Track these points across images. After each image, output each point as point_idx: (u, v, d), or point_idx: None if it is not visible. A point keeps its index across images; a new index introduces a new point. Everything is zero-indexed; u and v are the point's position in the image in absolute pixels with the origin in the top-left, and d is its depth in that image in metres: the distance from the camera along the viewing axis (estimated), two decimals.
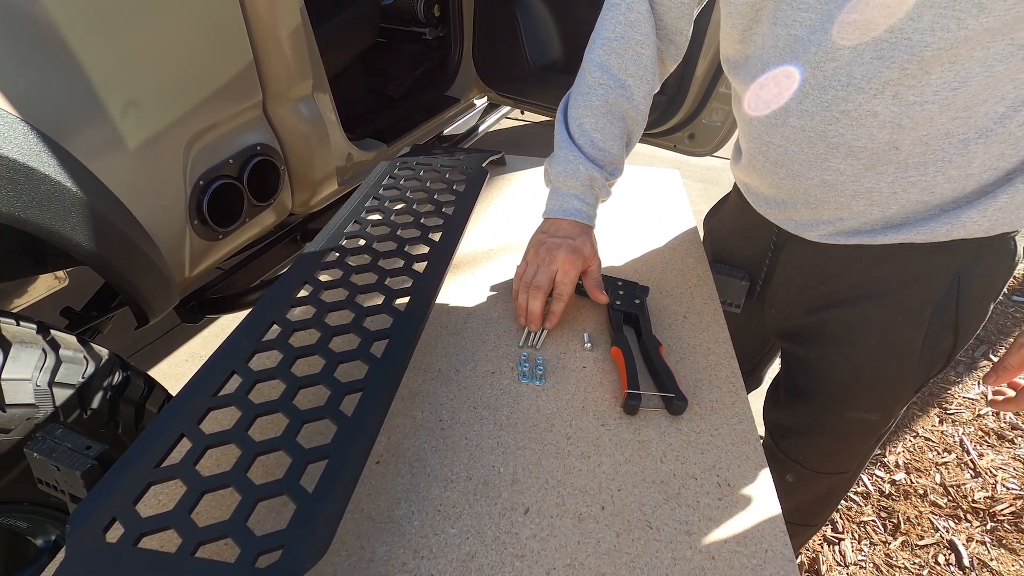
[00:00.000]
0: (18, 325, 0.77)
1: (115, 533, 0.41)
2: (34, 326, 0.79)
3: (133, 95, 0.88)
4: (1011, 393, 0.68)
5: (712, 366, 0.69)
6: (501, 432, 0.60)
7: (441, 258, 0.71)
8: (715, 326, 0.75)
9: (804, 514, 1.00)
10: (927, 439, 1.66)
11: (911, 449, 1.63)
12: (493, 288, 0.81)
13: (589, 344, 0.71)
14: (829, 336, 0.76)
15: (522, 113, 3.22)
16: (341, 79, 1.69)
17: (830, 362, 0.77)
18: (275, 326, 0.60)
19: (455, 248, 0.73)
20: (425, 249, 0.73)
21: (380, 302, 0.64)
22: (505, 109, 2.49)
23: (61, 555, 0.41)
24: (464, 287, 0.81)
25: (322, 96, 1.31)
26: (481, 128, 2.35)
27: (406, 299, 0.64)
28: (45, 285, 1.27)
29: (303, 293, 0.65)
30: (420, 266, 0.70)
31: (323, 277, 0.68)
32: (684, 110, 1.65)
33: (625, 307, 0.74)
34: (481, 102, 2.18)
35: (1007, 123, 0.53)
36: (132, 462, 0.45)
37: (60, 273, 1.25)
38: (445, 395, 0.64)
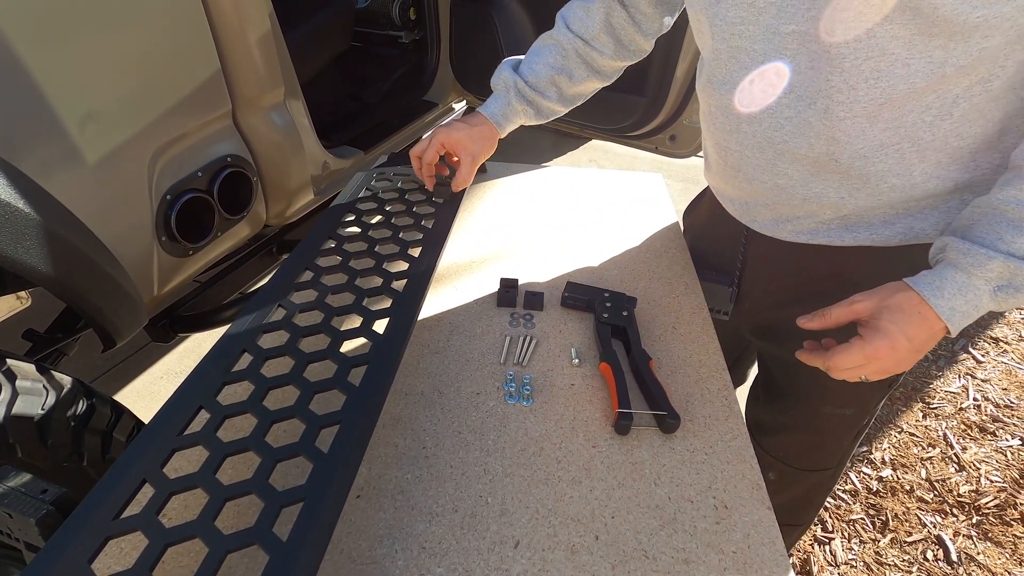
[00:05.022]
0: None
1: None
2: None
3: (90, 107, 0.83)
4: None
5: (704, 379, 0.67)
6: (488, 458, 0.57)
7: (421, 276, 0.68)
8: (705, 336, 0.74)
9: (790, 513, 1.00)
10: (912, 434, 1.67)
11: (896, 445, 1.64)
12: (477, 302, 0.78)
13: (577, 360, 0.69)
14: (798, 331, 0.76)
15: None
16: (315, 85, 1.64)
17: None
18: (246, 354, 0.57)
19: (435, 265, 0.70)
20: (404, 266, 0.70)
21: (358, 324, 0.60)
22: None
23: None
24: (446, 302, 0.78)
25: (295, 103, 1.27)
26: None
27: (385, 320, 0.61)
28: (6, 306, 1.21)
29: (275, 317, 0.61)
30: (399, 284, 0.67)
31: (296, 299, 0.64)
32: (665, 112, 1.64)
33: (613, 320, 0.72)
34: (460, 106, 2.15)
35: (936, 131, 0.54)
36: (89, 513, 0.42)
37: (22, 293, 1.19)
38: (428, 420, 0.61)
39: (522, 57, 0.83)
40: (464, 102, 2.13)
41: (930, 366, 1.89)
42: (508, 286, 0.77)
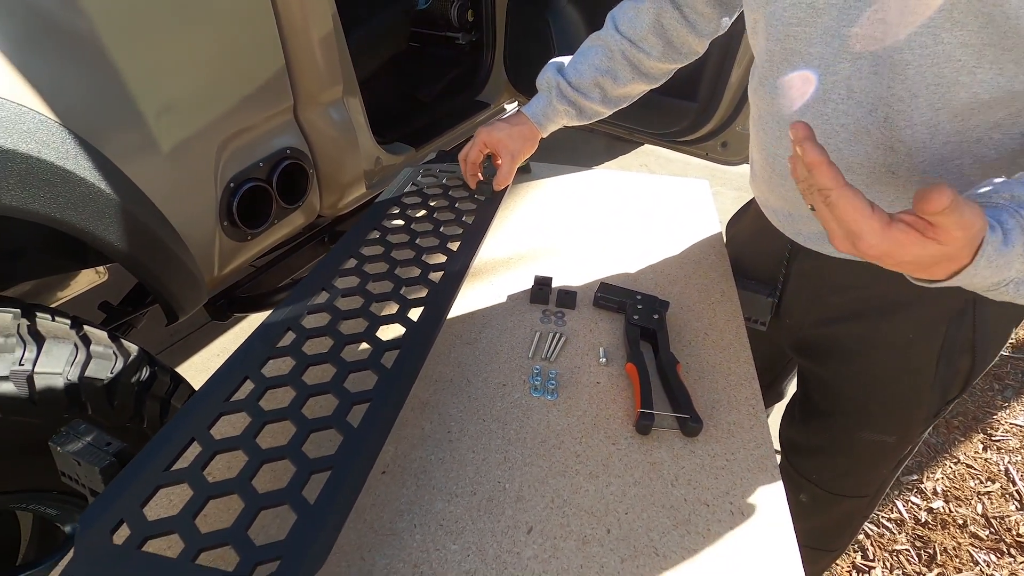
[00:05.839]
0: (53, 320, 0.80)
1: (122, 535, 0.41)
2: (68, 321, 0.83)
3: (167, 100, 0.90)
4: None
5: (732, 387, 0.67)
6: (509, 447, 0.59)
7: (457, 270, 0.70)
8: (737, 344, 0.73)
9: (821, 538, 0.96)
10: (969, 466, 1.57)
11: (951, 476, 1.55)
12: (510, 298, 0.80)
13: (604, 359, 0.70)
14: (842, 350, 0.75)
15: None
16: (372, 83, 1.71)
17: (843, 378, 0.76)
18: (290, 332, 0.61)
19: (471, 260, 0.73)
20: (443, 259, 0.73)
21: (394, 311, 0.64)
22: None
23: (70, 554, 0.42)
24: (481, 295, 0.80)
25: (352, 100, 1.33)
26: None
27: (420, 309, 0.64)
28: (86, 279, 1.33)
29: (319, 300, 0.65)
30: (436, 275, 0.70)
31: (340, 284, 0.68)
32: (717, 118, 1.61)
33: (643, 322, 0.73)
34: (511, 107, 2.18)
35: (1002, 150, 0.51)
36: (143, 464, 0.46)
37: (100, 268, 1.30)
38: (455, 406, 0.63)
39: (569, 57, 0.84)
40: (516, 103, 2.16)
41: (995, 396, 1.77)
42: (542, 284, 0.79)
